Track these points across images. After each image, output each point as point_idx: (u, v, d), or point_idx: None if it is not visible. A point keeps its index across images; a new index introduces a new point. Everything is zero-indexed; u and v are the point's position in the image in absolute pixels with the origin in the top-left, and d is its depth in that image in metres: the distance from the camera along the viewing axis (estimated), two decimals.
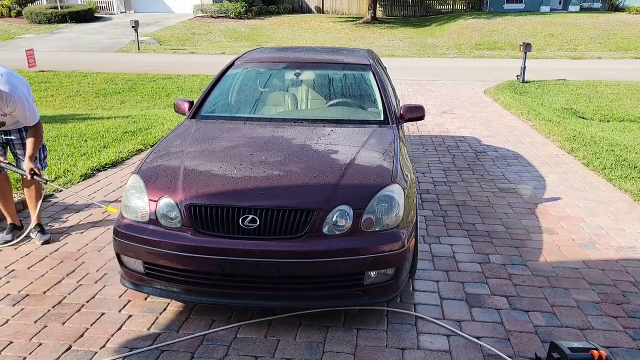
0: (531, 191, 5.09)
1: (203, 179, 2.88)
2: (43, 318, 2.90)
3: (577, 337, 2.77)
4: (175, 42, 22.20)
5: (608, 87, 12.21)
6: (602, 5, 30.17)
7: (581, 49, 20.93)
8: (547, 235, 4.07)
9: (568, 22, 24.47)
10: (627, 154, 6.17)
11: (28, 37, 22.90)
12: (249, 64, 4.55)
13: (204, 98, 4.11)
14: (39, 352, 2.61)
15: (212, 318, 2.90)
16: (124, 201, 2.94)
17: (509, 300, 3.13)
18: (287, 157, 3.14)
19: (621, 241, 3.98)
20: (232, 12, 27.60)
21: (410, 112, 3.95)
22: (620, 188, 5.14)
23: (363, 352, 2.63)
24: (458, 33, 23.88)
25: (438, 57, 19.51)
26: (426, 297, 3.14)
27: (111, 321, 2.88)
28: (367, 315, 2.93)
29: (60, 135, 6.81)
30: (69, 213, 4.41)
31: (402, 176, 2.99)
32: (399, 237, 2.72)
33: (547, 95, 11.14)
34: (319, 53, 4.90)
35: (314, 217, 2.65)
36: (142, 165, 3.13)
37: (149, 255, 2.74)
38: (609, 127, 8.17)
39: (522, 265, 3.58)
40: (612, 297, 3.19)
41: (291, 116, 3.98)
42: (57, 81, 12.79)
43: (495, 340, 2.74)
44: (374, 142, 3.39)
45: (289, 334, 2.76)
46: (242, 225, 2.65)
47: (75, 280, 3.32)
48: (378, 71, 4.39)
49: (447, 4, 32.40)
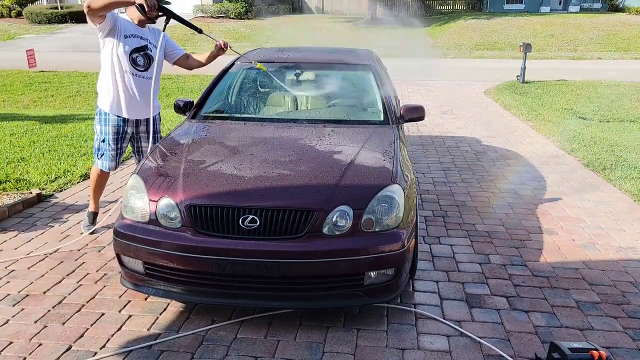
0: (531, 191, 5.09)
1: (203, 179, 2.88)
2: (43, 318, 2.90)
3: (577, 338, 2.77)
4: (175, 42, 22.15)
5: (608, 87, 12.21)
6: (602, 5, 30.17)
7: (581, 50, 20.93)
8: (547, 236, 4.06)
9: (568, 23, 24.47)
10: (627, 155, 6.17)
11: (28, 37, 22.91)
12: (249, 64, 4.54)
13: (204, 98, 4.11)
14: (39, 353, 2.61)
15: (212, 318, 2.89)
16: (124, 201, 2.94)
17: (509, 301, 3.13)
18: (287, 158, 3.14)
19: (621, 242, 3.98)
20: (233, 12, 27.61)
21: (410, 112, 3.95)
22: (620, 188, 5.14)
23: (363, 352, 2.63)
24: (458, 33, 23.89)
25: (438, 57, 19.50)
26: (426, 298, 3.14)
27: (111, 321, 2.88)
28: (367, 316, 2.93)
29: (60, 135, 6.82)
30: (69, 213, 4.41)
31: (402, 176, 2.99)
32: (399, 238, 2.72)
33: (547, 95, 11.14)
34: (319, 53, 4.90)
35: (314, 217, 2.65)
36: (142, 165, 3.13)
37: (149, 255, 2.74)
38: (609, 127, 8.17)
39: (522, 265, 3.58)
40: (612, 297, 3.19)
41: (291, 116, 3.98)
42: (58, 81, 12.79)
43: (495, 340, 2.74)
44: (374, 143, 3.39)
45: (289, 334, 2.76)
46: (242, 226, 2.65)
47: (75, 280, 3.32)
48: (378, 71, 4.39)
49: (447, 4, 32.43)
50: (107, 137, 3.75)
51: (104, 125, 3.75)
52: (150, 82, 3.64)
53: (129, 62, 3.62)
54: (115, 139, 3.77)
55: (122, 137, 3.80)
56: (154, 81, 3.64)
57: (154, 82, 3.63)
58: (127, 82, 3.66)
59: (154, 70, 3.71)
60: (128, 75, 3.65)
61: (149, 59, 3.71)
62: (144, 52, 3.68)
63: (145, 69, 3.70)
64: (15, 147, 6.19)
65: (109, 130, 3.74)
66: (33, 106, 10.05)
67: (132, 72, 3.66)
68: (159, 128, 3.98)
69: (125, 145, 3.87)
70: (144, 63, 3.68)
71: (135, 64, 3.65)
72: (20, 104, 10.27)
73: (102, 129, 3.76)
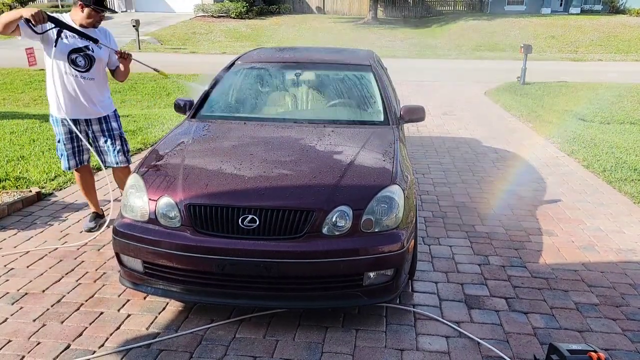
0: (531, 193, 5.09)
1: (203, 178, 2.88)
2: (42, 317, 2.90)
3: (576, 339, 2.77)
4: (176, 42, 22.20)
5: (608, 89, 12.21)
6: (602, 7, 30.17)
7: (582, 51, 20.94)
8: (546, 237, 4.06)
9: (569, 24, 24.49)
10: (627, 157, 6.17)
11: None
12: (249, 64, 4.54)
13: (204, 98, 4.11)
14: (38, 351, 2.61)
15: (211, 318, 2.89)
16: (124, 200, 2.94)
17: (508, 302, 3.13)
18: (287, 158, 3.14)
19: (620, 243, 3.98)
20: (233, 12, 27.62)
21: (410, 113, 3.95)
22: (620, 190, 5.14)
23: (362, 352, 2.63)
24: (459, 34, 23.90)
25: (439, 58, 19.52)
26: (425, 298, 3.14)
27: (110, 320, 2.88)
28: (366, 316, 2.93)
29: None
30: (68, 212, 4.41)
31: (402, 177, 2.99)
32: (398, 238, 2.72)
33: (548, 97, 11.14)
34: (319, 53, 4.90)
35: (314, 217, 2.65)
36: (142, 164, 3.13)
37: (148, 254, 2.74)
38: (609, 129, 8.17)
39: (522, 267, 3.58)
40: (611, 299, 3.19)
41: (291, 116, 3.98)
42: None
43: (494, 341, 2.74)
44: (374, 143, 3.39)
45: (287, 334, 2.76)
46: (241, 225, 2.65)
47: (74, 279, 3.32)
48: (378, 72, 4.39)
49: (448, 5, 32.42)
50: (61, 137, 3.82)
51: (56, 126, 3.82)
52: (92, 82, 3.68)
53: (68, 64, 3.60)
54: (68, 138, 3.81)
55: (74, 137, 3.82)
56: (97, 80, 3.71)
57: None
58: (67, 83, 3.64)
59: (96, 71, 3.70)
60: (68, 77, 3.63)
61: (90, 59, 3.65)
62: (84, 52, 3.62)
63: (86, 70, 3.66)
64: (15, 146, 6.19)
65: (61, 131, 3.79)
66: (33, 104, 10.05)
67: (72, 74, 3.63)
68: (118, 125, 3.94)
69: (81, 143, 3.87)
70: (85, 64, 3.64)
71: (75, 64, 3.61)
72: (20, 102, 10.27)
73: (56, 130, 3.83)
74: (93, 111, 3.76)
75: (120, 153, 3.91)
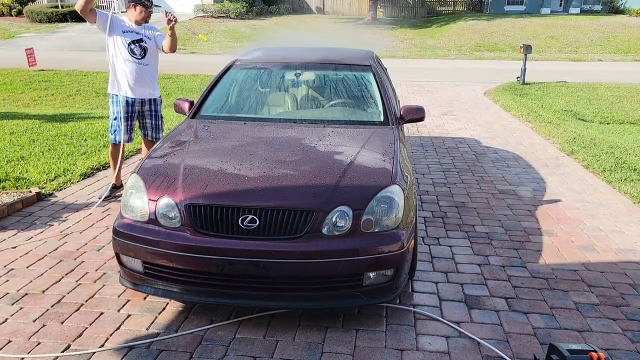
0: (531, 193, 5.09)
1: (203, 178, 2.88)
2: (42, 317, 2.90)
3: (576, 339, 2.77)
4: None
5: (608, 89, 12.22)
6: (602, 7, 30.18)
7: (581, 51, 20.94)
8: (546, 237, 4.07)
9: (568, 24, 24.48)
10: (627, 157, 6.17)
11: (28, 36, 22.91)
12: (249, 64, 4.54)
13: (204, 98, 4.11)
14: (38, 351, 2.61)
15: (211, 318, 2.89)
16: (124, 200, 2.94)
17: (508, 302, 3.13)
18: (286, 158, 3.14)
19: (620, 243, 3.98)
20: (233, 12, 27.60)
21: (410, 113, 3.95)
22: (619, 190, 5.14)
23: (362, 352, 2.63)
24: (458, 34, 23.89)
25: (438, 58, 19.52)
26: (425, 299, 3.14)
27: (110, 320, 2.88)
28: (366, 316, 2.93)
29: (60, 135, 6.81)
30: (68, 212, 4.41)
31: (401, 177, 2.99)
32: (398, 238, 2.72)
33: (547, 97, 11.15)
34: (319, 53, 4.89)
35: (314, 217, 2.65)
36: (142, 164, 3.13)
37: (148, 254, 2.74)
38: (609, 129, 8.18)
39: (522, 267, 3.58)
40: (611, 299, 3.19)
41: (291, 116, 3.98)
42: (58, 80, 12.78)
43: (494, 341, 2.74)
44: (374, 143, 3.39)
45: (287, 335, 2.76)
46: (241, 226, 2.65)
47: (74, 279, 3.32)
48: (378, 72, 4.39)
49: (447, 5, 32.42)
50: (119, 115, 4.54)
51: (115, 106, 4.56)
52: (148, 67, 4.56)
53: (128, 52, 4.44)
54: (125, 117, 4.55)
55: (131, 115, 4.58)
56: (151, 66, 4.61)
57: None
58: (128, 67, 4.47)
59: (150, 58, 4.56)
60: (130, 63, 4.47)
61: (144, 49, 4.52)
62: (139, 43, 4.50)
63: (141, 57, 4.51)
64: (15, 146, 6.19)
65: (120, 110, 4.52)
66: (33, 105, 10.05)
67: (131, 60, 4.46)
68: (160, 108, 4.79)
69: (134, 123, 4.65)
70: (140, 52, 4.50)
71: (133, 53, 4.47)
72: (20, 102, 10.27)
73: (114, 109, 4.57)
74: (150, 93, 4.62)
75: (160, 130, 4.81)
